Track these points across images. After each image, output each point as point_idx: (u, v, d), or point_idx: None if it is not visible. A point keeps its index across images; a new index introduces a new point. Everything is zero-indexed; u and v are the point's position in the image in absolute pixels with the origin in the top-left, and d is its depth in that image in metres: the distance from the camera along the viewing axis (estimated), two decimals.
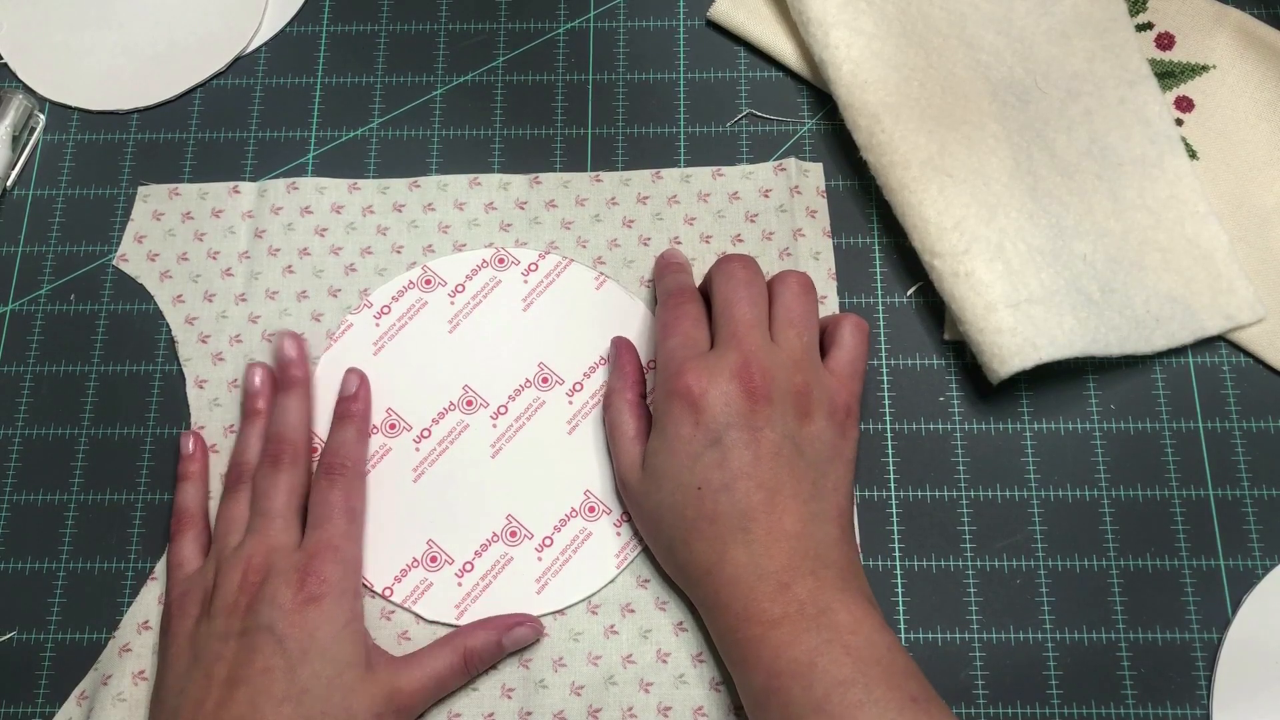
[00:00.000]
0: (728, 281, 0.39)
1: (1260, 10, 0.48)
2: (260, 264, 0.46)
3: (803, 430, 0.37)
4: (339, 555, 0.38)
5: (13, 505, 0.43)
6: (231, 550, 0.38)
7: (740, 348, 0.38)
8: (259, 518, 0.39)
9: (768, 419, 0.37)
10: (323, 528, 0.38)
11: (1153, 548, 0.41)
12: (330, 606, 0.36)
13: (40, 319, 0.46)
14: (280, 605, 0.36)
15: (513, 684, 0.40)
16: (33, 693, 0.41)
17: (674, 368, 0.38)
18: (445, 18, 0.50)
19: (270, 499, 0.39)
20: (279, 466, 0.40)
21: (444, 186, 0.47)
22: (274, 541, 0.38)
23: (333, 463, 0.40)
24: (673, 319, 0.40)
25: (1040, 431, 0.43)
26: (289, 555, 0.38)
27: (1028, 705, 0.40)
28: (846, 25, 0.46)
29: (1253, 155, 0.46)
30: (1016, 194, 0.44)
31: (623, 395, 0.41)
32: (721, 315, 0.39)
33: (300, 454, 0.40)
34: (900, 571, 0.41)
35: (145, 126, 0.49)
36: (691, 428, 0.37)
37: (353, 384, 0.43)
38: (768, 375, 0.37)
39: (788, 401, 0.37)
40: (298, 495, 0.40)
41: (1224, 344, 0.44)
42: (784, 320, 0.39)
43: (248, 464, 0.41)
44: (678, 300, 0.41)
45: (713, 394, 0.37)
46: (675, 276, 0.42)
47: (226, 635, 0.36)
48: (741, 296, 0.39)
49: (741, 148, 0.48)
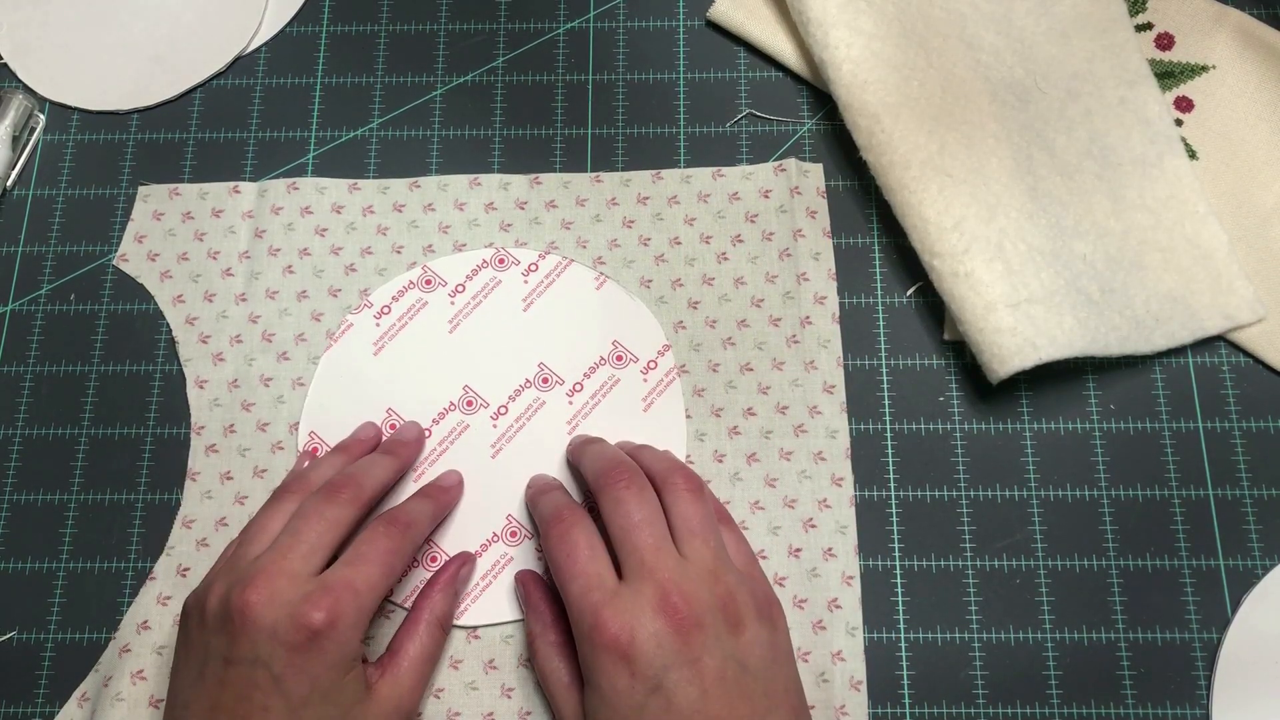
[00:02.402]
0: (618, 508, 0.36)
1: (1260, 10, 0.48)
2: (260, 264, 0.46)
3: (739, 643, 0.34)
4: (357, 600, 0.35)
5: (13, 505, 0.43)
6: (248, 562, 0.36)
7: (654, 578, 0.34)
8: (287, 535, 0.36)
9: (703, 646, 0.34)
10: (355, 567, 0.35)
11: (1152, 548, 0.42)
12: (333, 650, 0.34)
13: (40, 319, 0.46)
14: (280, 639, 0.33)
15: (512, 684, 0.40)
16: (33, 693, 0.41)
17: (590, 617, 0.34)
18: (445, 18, 0.50)
19: (308, 523, 0.36)
20: (334, 500, 0.37)
21: (444, 186, 0.47)
22: (289, 565, 0.35)
23: (399, 518, 0.38)
24: (566, 557, 0.36)
25: (1040, 431, 0.43)
26: (299, 583, 0.35)
27: (1028, 705, 0.40)
28: (846, 25, 0.46)
29: (1253, 155, 0.46)
30: (1016, 194, 0.44)
31: (546, 639, 0.38)
32: (624, 545, 0.36)
33: (362, 501, 0.38)
34: (900, 571, 0.41)
35: (145, 126, 0.49)
36: (628, 679, 0.33)
37: (453, 479, 0.42)
38: (691, 600, 0.34)
39: (717, 619, 0.34)
40: (336, 532, 0.37)
41: (1224, 344, 0.44)
42: (686, 532, 0.36)
43: (309, 484, 0.39)
44: (561, 531, 0.37)
45: (640, 637, 0.33)
46: (548, 499, 0.39)
47: (226, 659, 0.34)
48: (637, 521, 0.36)
49: (741, 148, 0.48)
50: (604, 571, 0.35)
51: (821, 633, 0.40)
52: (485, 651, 0.40)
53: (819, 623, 0.40)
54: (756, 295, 0.45)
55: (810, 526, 0.41)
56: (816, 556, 0.41)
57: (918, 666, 0.40)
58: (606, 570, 0.35)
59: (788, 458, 0.42)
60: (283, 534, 0.36)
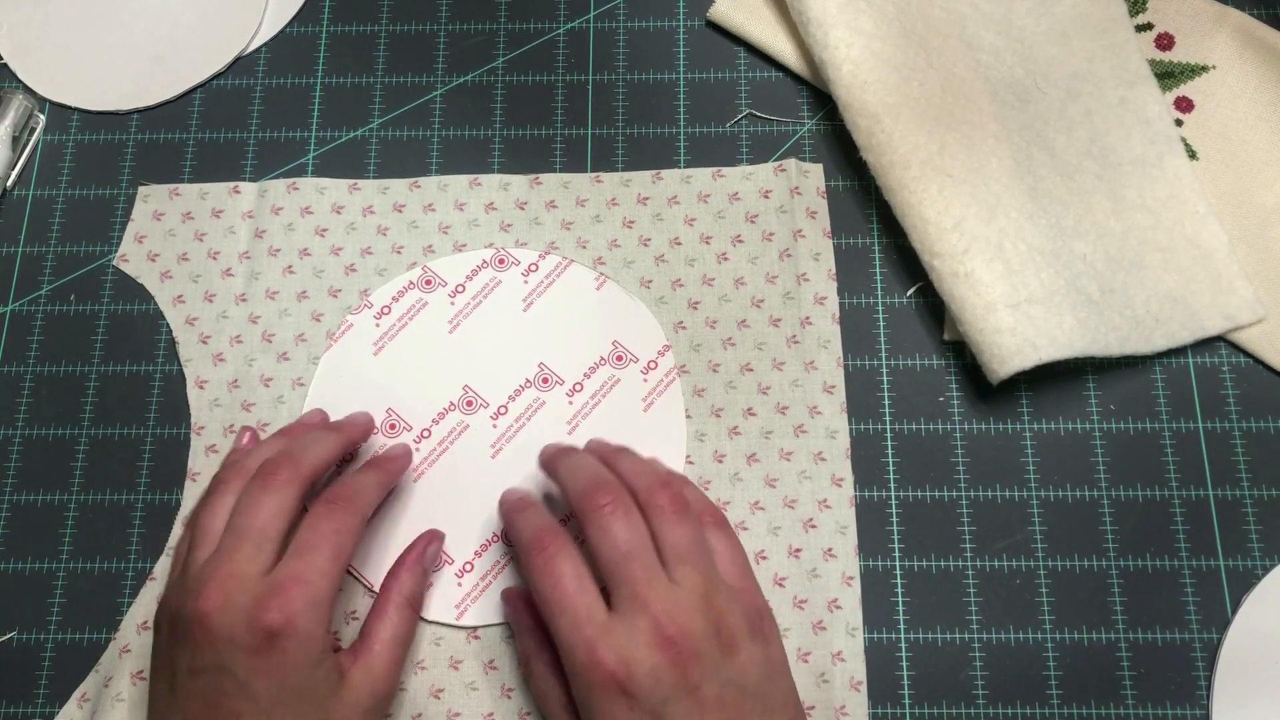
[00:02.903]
0: (604, 536, 0.35)
1: (1260, 10, 0.48)
2: (260, 264, 0.46)
3: (735, 665, 0.34)
4: (308, 592, 0.34)
5: (13, 505, 0.43)
6: (198, 568, 0.35)
7: (648, 610, 0.34)
8: (230, 535, 0.35)
9: (701, 674, 0.33)
10: (302, 558, 0.35)
11: (1153, 548, 0.42)
12: (295, 648, 0.33)
13: (40, 319, 0.46)
14: (239, 644, 0.33)
15: (512, 684, 0.40)
16: (33, 693, 0.41)
17: (584, 654, 0.33)
18: (445, 18, 0.50)
19: (248, 519, 0.35)
20: (271, 486, 0.36)
21: (444, 187, 0.47)
22: (237, 568, 0.34)
23: (337, 494, 0.37)
24: (552, 589, 0.35)
25: (1040, 431, 0.43)
26: (249, 585, 0.34)
27: (1028, 705, 0.40)
28: (846, 25, 0.46)
29: (1253, 155, 0.46)
30: (1016, 194, 0.44)
31: (540, 659, 0.37)
32: (614, 576, 0.35)
33: (300, 480, 0.37)
34: (900, 571, 0.41)
35: (145, 126, 0.49)
36: (626, 712, 0.33)
37: (400, 450, 0.42)
38: (685, 630, 0.33)
39: (712, 645, 0.34)
40: (280, 521, 0.35)
41: (1224, 344, 0.44)
42: (675, 558, 0.35)
43: (246, 471, 0.38)
44: (544, 561, 0.35)
45: (638, 673, 0.33)
46: (526, 520, 0.38)
47: (191, 670, 0.33)
48: (626, 552, 0.35)
49: (741, 148, 0.48)
50: (594, 604, 0.34)
51: (821, 633, 0.40)
52: (485, 651, 0.40)
53: (819, 623, 0.40)
54: (756, 295, 0.45)
55: (810, 527, 0.41)
56: (816, 557, 0.41)
57: (918, 667, 0.40)
58: (596, 601, 0.34)
59: (788, 458, 0.42)
60: (226, 533, 0.35)
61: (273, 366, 0.44)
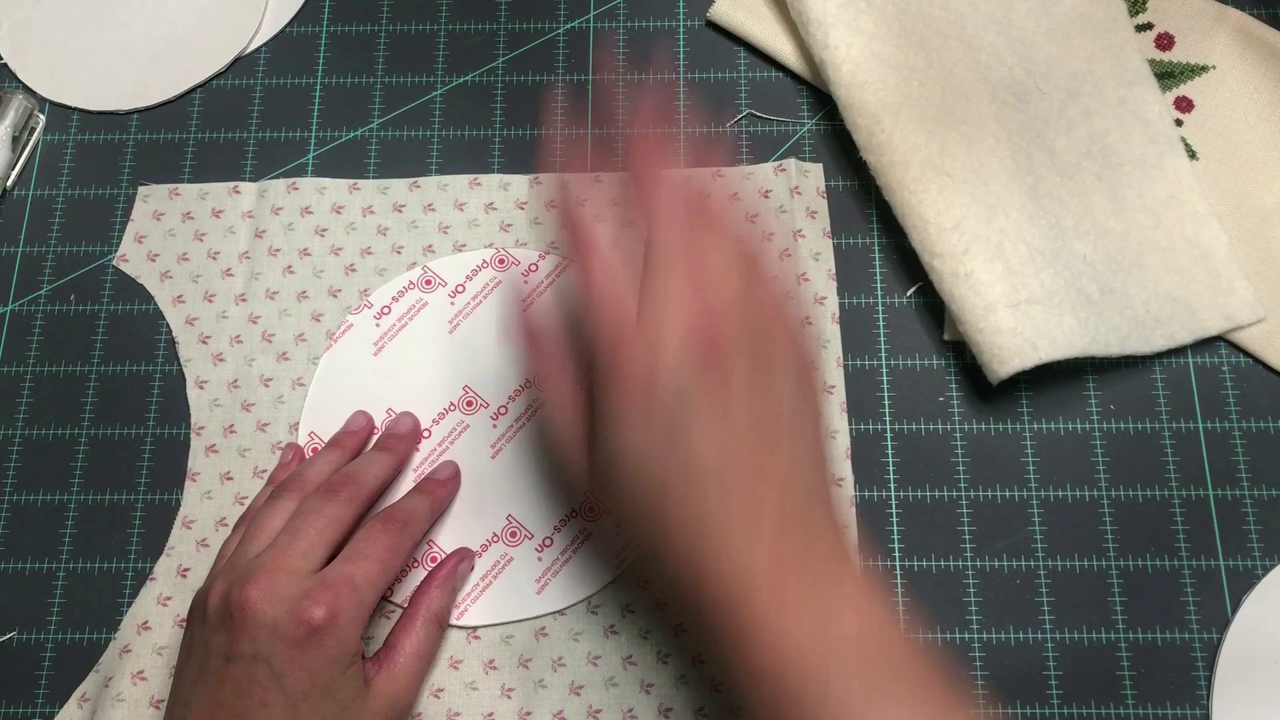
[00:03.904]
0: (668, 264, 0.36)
1: (1260, 10, 0.48)
2: (260, 264, 0.46)
3: None
4: (355, 595, 0.35)
5: (13, 505, 0.43)
6: (249, 559, 0.36)
7: None
8: (287, 534, 0.36)
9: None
10: (354, 563, 0.36)
11: (1152, 548, 0.42)
12: (333, 646, 0.34)
13: (40, 319, 0.46)
14: (281, 634, 0.33)
15: (512, 684, 0.40)
16: (33, 693, 0.41)
17: None
18: (445, 18, 0.50)
19: (307, 521, 0.36)
20: (333, 498, 0.37)
21: (444, 187, 0.47)
22: (289, 563, 0.35)
23: (396, 515, 0.38)
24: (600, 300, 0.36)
25: (1040, 431, 0.43)
26: (299, 579, 0.35)
27: (1028, 705, 0.40)
28: (846, 25, 0.46)
29: (1252, 155, 0.46)
30: (1016, 194, 0.44)
31: None
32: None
33: (360, 500, 0.38)
34: (900, 571, 0.41)
35: (145, 126, 0.49)
36: None
37: (447, 472, 0.42)
38: None
39: None
40: (336, 530, 0.37)
41: (1224, 344, 0.44)
42: None
43: (308, 482, 0.39)
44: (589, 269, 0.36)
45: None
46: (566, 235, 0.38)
47: (227, 656, 0.34)
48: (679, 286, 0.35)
49: (741, 148, 0.48)
50: None
51: None
52: (485, 651, 0.40)
53: None
54: None
55: None
56: None
57: None
58: None
59: None
60: (282, 532, 0.36)
61: (273, 366, 0.44)
